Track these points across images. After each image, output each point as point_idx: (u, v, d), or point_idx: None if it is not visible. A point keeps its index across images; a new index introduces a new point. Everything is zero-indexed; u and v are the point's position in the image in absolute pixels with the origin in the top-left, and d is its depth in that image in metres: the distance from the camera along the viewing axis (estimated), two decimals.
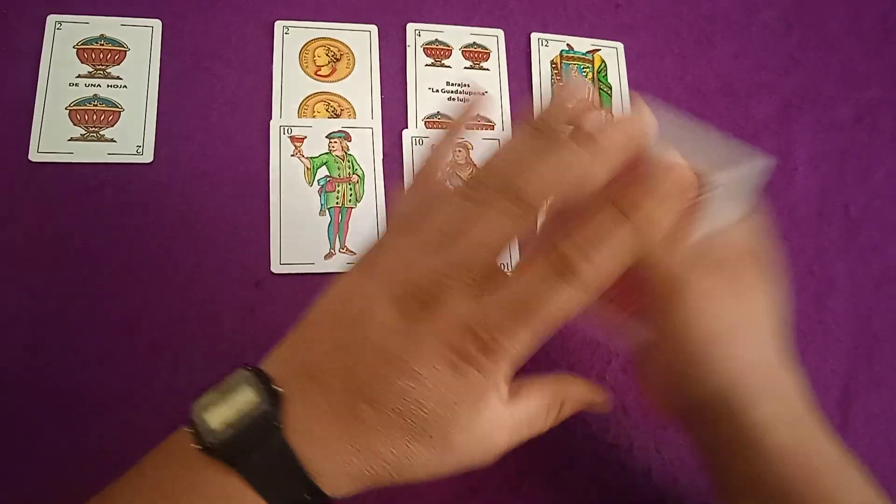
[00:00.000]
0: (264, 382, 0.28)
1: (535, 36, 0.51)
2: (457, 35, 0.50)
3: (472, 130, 0.48)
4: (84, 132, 0.44)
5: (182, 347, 0.40)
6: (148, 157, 0.44)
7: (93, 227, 0.42)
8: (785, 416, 0.32)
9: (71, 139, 0.44)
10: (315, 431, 0.28)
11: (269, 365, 0.30)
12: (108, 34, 0.46)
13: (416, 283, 0.29)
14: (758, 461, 0.32)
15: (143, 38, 0.47)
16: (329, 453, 0.28)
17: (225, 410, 0.28)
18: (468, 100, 0.41)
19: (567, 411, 0.33)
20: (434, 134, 0.48)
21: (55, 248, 0.41)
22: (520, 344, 0.28)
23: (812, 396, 0.33)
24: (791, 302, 0.47)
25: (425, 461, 0.29)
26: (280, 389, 0.28)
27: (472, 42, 0.51)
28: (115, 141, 0.44)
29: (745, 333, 0.33)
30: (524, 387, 0.32)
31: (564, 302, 0.28)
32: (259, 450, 0.27)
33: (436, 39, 0.50)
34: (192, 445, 0.28)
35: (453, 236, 0.29)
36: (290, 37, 0.48)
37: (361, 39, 0.49)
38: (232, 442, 0.27)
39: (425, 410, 0.28)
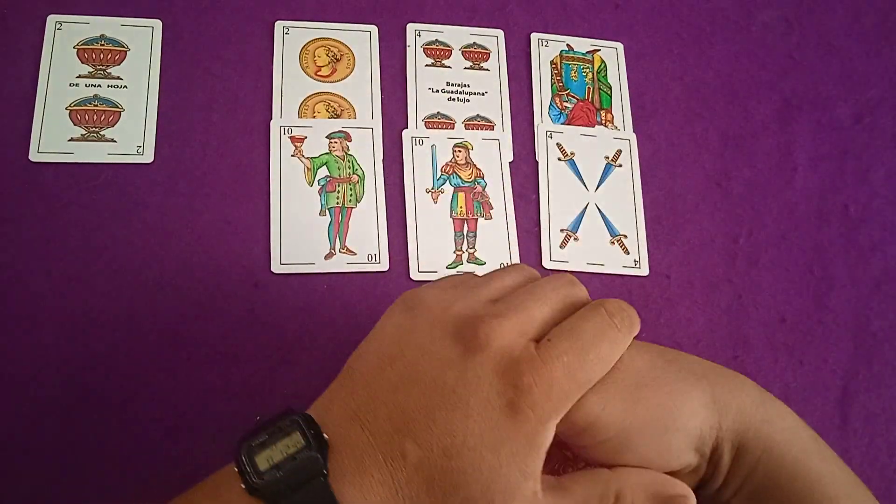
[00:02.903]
0: (312, 428, 0.28)
1: (535, 36, 0.51)
2: (457, 35, 0.50)
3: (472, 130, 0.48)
4: (84, 132, 0.44)
5: (182, 347, 0.41)
6: (148, 157, 0.44)
7: (93, 228, 0.42)
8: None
9: (71, 139, 0.44)
10: (359, 479, 0.28)
11: (317, 410, 0.30)
12: (109, 34, 0.46)
13: (471, 320, 0.30)
14: None
15: (143, 38, 0.47)
16: (372, 500, 0.27)
17: (272, 453, 0.28)
18: None
19: None
20: (434, 134, 0.48)
21: (55, 247, 0.41)
22: (569, 393, 0.29)
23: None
24: (791, 302, 0.47)
25: None
26: (326, 436, 0.28)
27: (472, 42, 0.51)
28: (115, 141, 0.44)
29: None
30: (566, 479, 0.30)
31: (612, 342, 0.30)
32: (302, 494, 0.27)
33: (436, 40, 0.50)
34: (237, 484, 0.28)
35: (510, 291, 0.32)
36: (291, 37, 0.48)
37: (361, 40, 0.49)
38: (276, 484, 0.27)
39: (470, 448, 0.27)
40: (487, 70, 0.50)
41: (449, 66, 0.50)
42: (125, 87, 0.45)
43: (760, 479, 0.33)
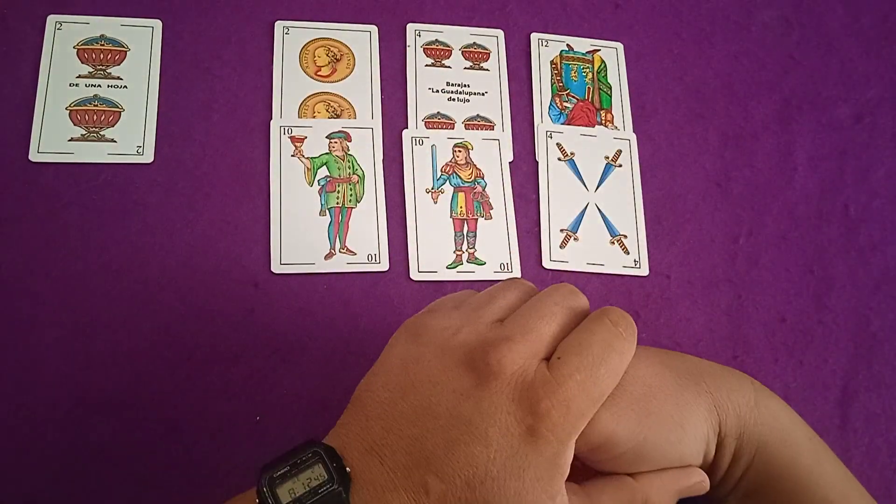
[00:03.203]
0: (335, 461, 0.28)
1: (535, 36, 0.51)
2: (457, 35, 0.50)
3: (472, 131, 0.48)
4: (84, 132, 0.44)
5: (182, 347, 0.41)
6: (148, 157, 0.44)
7: (93, 228, 0.42)
8: None
9: (71, 139, 0.44)
10: None
11: (334, 441, 0.29)
12: (109, 34, 0.46)
13: (481, 347, 0.29)
14: None
15: (143, 38, 0.47)
16: None
17: (295, 485, 0.28)
18: None
19: None
20: (434, 134, 0.48)
21: (55, 248, 0.41)
22: (585, 411, 0.28)
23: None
24: (791, 302, 0.47)
25: None
26: (348, 469, 0.28)
27: (472, 42, 0.51)
28: (115, 141, 0.44)
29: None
30: (590, 487, 0.31)
31: (621, 353, 0.29)
32: None
33: (436, 40, 0.50)
34: None
35: (514, 310, 0.31)
36: (291, 37, 0.48)
37: (361, 39, 0.49)
38: None
39: (493, 478, 0.27)
40: (487, 70, 0.50)
41: (449, 66, 0.50)
42: (125, 87, 0.45)
43: (755, 477, 0.33)
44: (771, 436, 0.33)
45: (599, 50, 0.52)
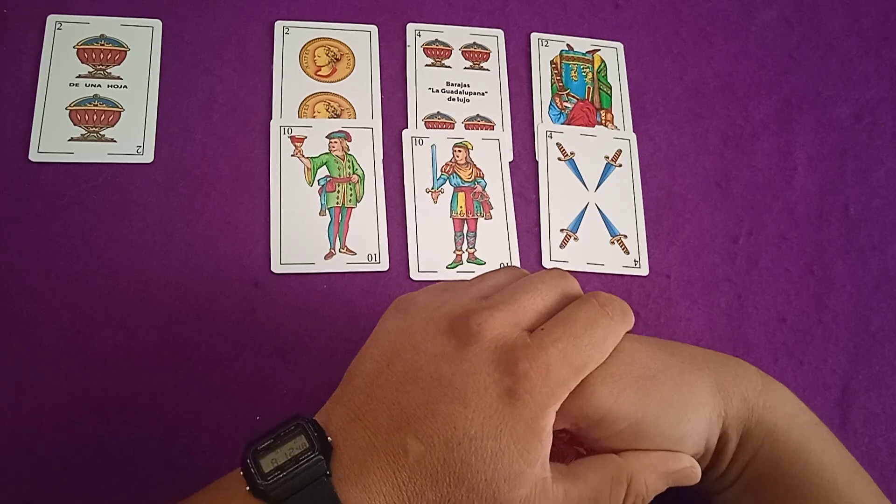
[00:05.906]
0: (316, 431, 0.29)
1: (535, 36, 0.51)
2: (457, 35, 0.50)
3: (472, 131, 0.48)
4: (84, 132, 0.44)
5: (182, 347, 0.41)
6: (148, 157, 0.44)
7: (93, 228, 0.42)
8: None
9: (71, 139, 0.44)
10: (362, 479, 0.28)
11: (321, 416, 0.30)
12: (109, 34, 0.46)
13: (463, 315, 0.30)
14: None
15: (143, 38, 0.47)
16: (376, 500, 0.28)
17: (277, 455, 0.28)
18: None
19: (640, 488, 0.31)
20: (434, 134, 0.48)
21: (55, 248, 0.41)
22: (566, 378, 0.29)
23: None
24: (791, 302, 0.47)
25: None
26: (330, 439, 0.29)
27: (472, 42, 0.51)
28: (115, 141, 0.44)
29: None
30: (576, 466, 0.31)
31: (605, 329, 0.30)
32: (306, 495, 0.27)
33: (436, 39, 0.50)
34: (242, 487, 0.28)
35: (501, 288, 0.32)
36: (291, 37, 0.48)
37: (361, 39, 0.49)
38: (280, 486, 0.27)
39: (471, 437, 0.28)
40: (487, 70, 0.50)
41: (449, 66, 0.50)
42: (125, 87, 0.45)
43: (762, 465, 0.33)
44: (780, 420, 0.33)
45: (599, 50, 0.52)
